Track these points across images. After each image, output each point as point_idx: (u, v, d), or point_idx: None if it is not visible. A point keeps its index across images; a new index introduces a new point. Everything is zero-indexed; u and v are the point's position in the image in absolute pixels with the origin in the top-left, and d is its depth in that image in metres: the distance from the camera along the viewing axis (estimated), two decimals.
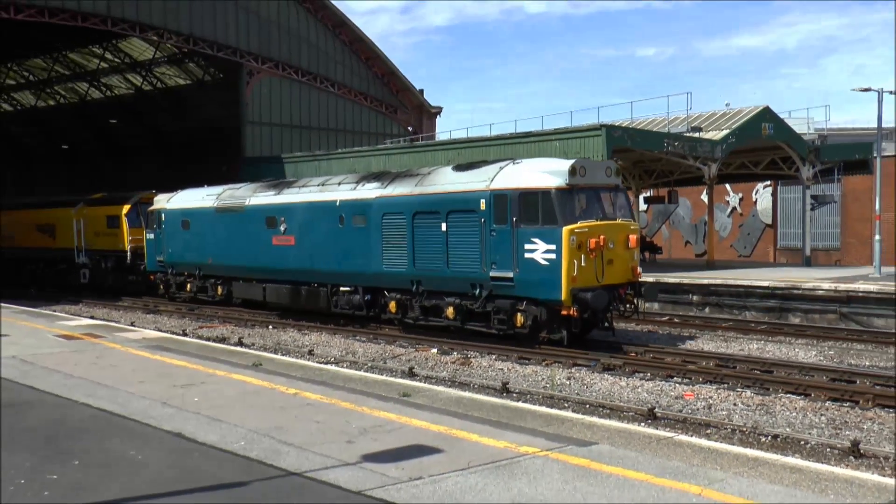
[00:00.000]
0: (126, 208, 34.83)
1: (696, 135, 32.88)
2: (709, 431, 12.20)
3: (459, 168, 20.67)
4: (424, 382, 14.88)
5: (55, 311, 27.64)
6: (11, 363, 15.17)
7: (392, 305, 21.60)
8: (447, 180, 20.24)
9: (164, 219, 30.52)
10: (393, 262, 21.10)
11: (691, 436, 10.90)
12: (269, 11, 46.01)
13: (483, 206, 18.64)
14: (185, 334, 23.10)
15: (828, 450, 11.23)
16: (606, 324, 18.90)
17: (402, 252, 20.80)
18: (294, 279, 24.67)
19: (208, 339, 22.06)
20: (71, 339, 18.75)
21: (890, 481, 8.45)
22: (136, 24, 40.70)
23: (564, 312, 17.63)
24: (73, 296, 35.60)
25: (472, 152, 32.11)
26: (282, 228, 24.73)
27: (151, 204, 32.08)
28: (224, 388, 12.92)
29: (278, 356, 17.75)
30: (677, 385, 15.43)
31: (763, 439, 11.84)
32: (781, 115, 35.07)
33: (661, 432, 10.52)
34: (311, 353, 19.67)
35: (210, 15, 43.30)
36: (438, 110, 54.39)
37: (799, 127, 38.02)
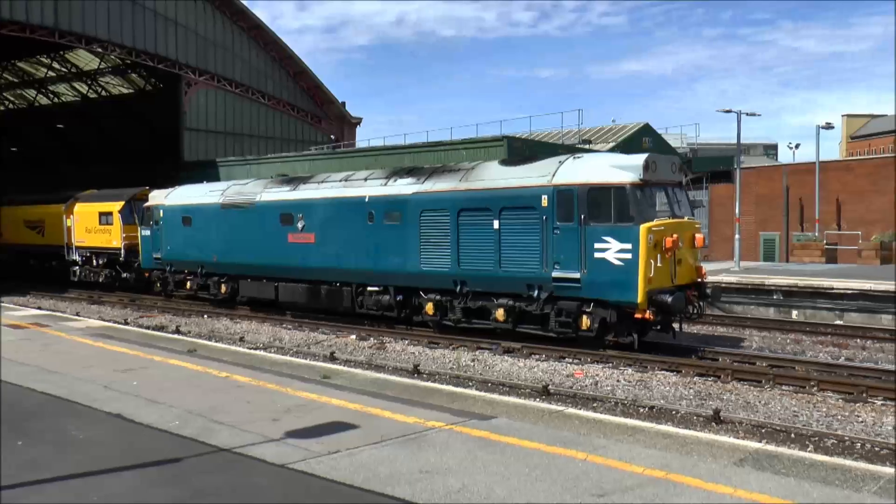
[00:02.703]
0: (119, 205, 31.49)
1: (587, 146, 33.48)
2: (595, 405, 12.43)
3: (508, 163, 18.02)
4: (344, 365, 14.80)
5: (4, 302, 26.55)
6: None
7: (429, 307, 18.63)
8: (498, 175, 17.39)
9: (161, 215, 27.02)
10: (433, 262, 18.21)
11: (580, 409, 11.07)
12: (206, 29, 45.21)
13: (545, 202, 16.06)
14: (126, 323, 22.48)
15: (694, 417, 11.58)
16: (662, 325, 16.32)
17: (444, 251, 17.97)
18: (313, 278, 21.48)
19: (148, 327, 21.52)
20: (20, 329, 18.04)
21: (744, 443, 8.79)
22: (81, 37, 39.36)
23: (638, 315, 15.21)
24: (56, 291, 32.84)
25: (388, 159, 32.17)
26: (299, 225, 21.60)
27: (146, 200, 28.76)
28: (162, 373, 12.62)
29: (212, 343, 17.43)
30: (569, 365, 15.64)
31: (641, 410, 12.12)
32: (659, 131, 36.12)
33: (554, 406, 10.66)
34: (241, 339, 19.37)
35: (151, 30, 42.25)
36: (358, 121, 54.22)
37: (674, 141, 39.26)
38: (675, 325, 16.59)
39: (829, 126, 35.56)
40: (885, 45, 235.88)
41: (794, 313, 22.50)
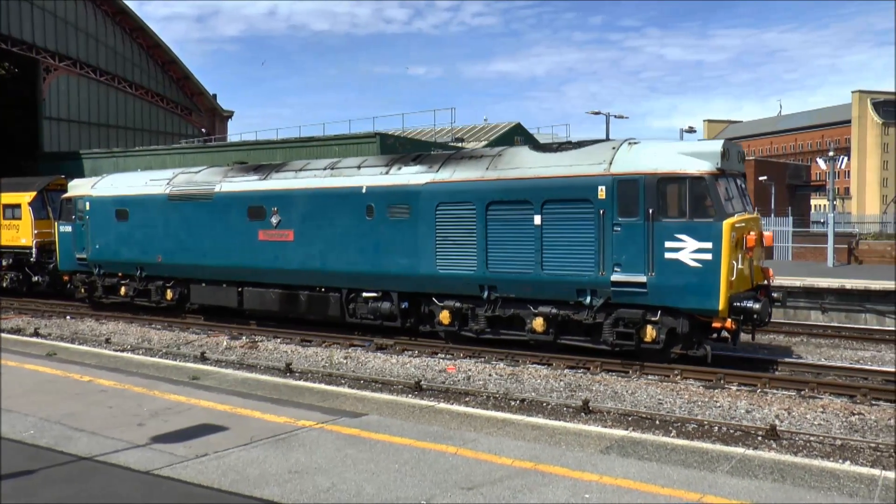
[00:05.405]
0: (30, 196, 26.80)
1: (460, 144, 33.86)
2: (467, 399, 12.59)
3: (544, 149, 15.65)
4: (214, 366, 14.52)
5: None
6: None
7: (444, 315, 16.21)
8: (537, 163, 15.03)
9: (87, 208, 22.91)
10: (452, 263, 15.79)
11: (452, 404, 11.23)
12: (66, 11, 43.05)
13: (602, 194, 13.95)
14: None
15: (564, 409, 11.90)
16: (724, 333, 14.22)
17: (468, 250, 15.59)
18: (291, 282, 18.60)
19: (2, 330, 20.33)
20: None
21: (611, 431, 9.14)
22: None
23: (717, 324, 13.60)
24: None
25: (260, 154, 31.81)
26: (274, 221, 18.52)
27: (64, 190, 24.82)
28: (15, 379, 11.97)
29: (74, 345, 16.71)
30: (441, 360, 15.73)
31: (513, 403, 12.37)
32: (532, 131, 36.92)
33: (425, 402, 10.79)
34: (107, 341, 18.61)
35: (3, 10, 39.79)
36: (230, 114, 53.17)
37: (545, 141, 40.26)
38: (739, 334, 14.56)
39: (691, 130, 37.27)
40: (740, 56, 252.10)
41: None
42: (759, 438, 10.27)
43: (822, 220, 51.54)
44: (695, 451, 8.04)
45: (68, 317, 23.16)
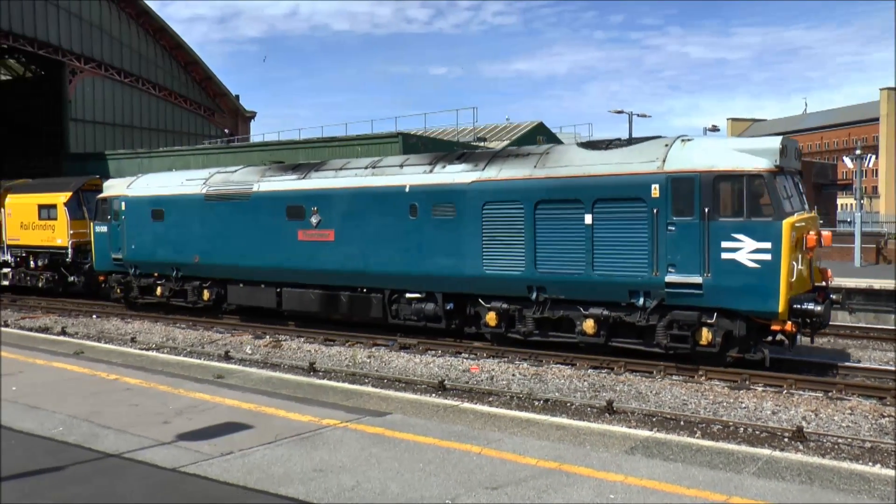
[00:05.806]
0: (65, 196, 26.72)
1: (482, 144, 33.85)
2: (491, 399, 12.58)
3: (592, 146, 15.17)
4: (238, 365, 14.63)
5: None
6: None
7: (490, 317, 15.88)
8: (587, 160, 14.63)
9: (123, 208, 22.80)
10: (500, 264, 15.45)
11: (475, 403, 11.21)
12: (90, 14, 43.54)
13: (655, 192, 13.57)
14: (6, 325, 21.43)
15: (588, 409, 11.87)
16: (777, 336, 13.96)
17: (515, 251, 15.24)
18: (331, 283, 18.30)
19: (30, 329, 20.63)
20: None
21: (636, 432, 9.10)
22: None
23: (776, 327, 13.21)
24: None
25: (283, 154, 31.97)
26: (314, 221, 18.21)
27: (99, 191, 24.84)
28: (44, 377, 12.14)
29: (101, 344, 16.90)
30: (465, 360, 15.73)
31: (536, 403, 12.36)
32: (553, 130, 36.82)
33: (449, 401, 10.79)
34: (133, 340, 18.80)
35: (30, 13, 40.31)
36: (253, 115, 53.56)
37: (568, 140, 40.21)
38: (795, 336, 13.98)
39: (715, 129, 36.92)
40: (761, 54, 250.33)
41: None
42: (786, 440, 10.18)
43: (848, 220, 50.98)
44: (720, 453, 7.98)
45: (94, 316, 23.41)
